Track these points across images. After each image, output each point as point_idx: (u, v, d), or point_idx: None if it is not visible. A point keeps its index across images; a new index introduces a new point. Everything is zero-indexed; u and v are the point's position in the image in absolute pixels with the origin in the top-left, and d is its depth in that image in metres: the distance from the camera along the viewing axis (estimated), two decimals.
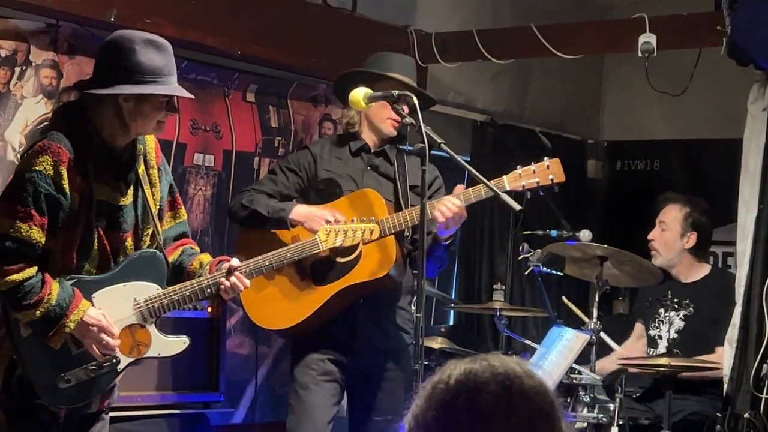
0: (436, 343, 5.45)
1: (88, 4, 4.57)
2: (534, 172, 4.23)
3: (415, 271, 4.04)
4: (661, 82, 5.69)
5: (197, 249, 3.71)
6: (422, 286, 3.67)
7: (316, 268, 4.26)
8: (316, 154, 4.42)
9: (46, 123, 3.48)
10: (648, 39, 5.37)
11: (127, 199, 3.46)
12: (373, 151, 4.42)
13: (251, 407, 5.41)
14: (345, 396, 4.46)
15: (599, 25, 6.31)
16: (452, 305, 6.09)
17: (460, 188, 4.24)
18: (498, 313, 4.99)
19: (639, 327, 5.67)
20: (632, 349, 5.56)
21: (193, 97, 3.61)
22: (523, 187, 4.22)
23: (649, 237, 5.42)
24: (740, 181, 5.18)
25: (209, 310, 4.77)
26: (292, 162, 4.46)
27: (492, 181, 4.11)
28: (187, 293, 3.52)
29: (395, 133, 4.38)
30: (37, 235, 3.27)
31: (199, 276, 3.57)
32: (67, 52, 4.64)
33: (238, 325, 5.27)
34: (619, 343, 5.64)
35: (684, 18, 5.49)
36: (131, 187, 3.48)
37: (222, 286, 3.54)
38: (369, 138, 4.43)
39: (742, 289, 5.07)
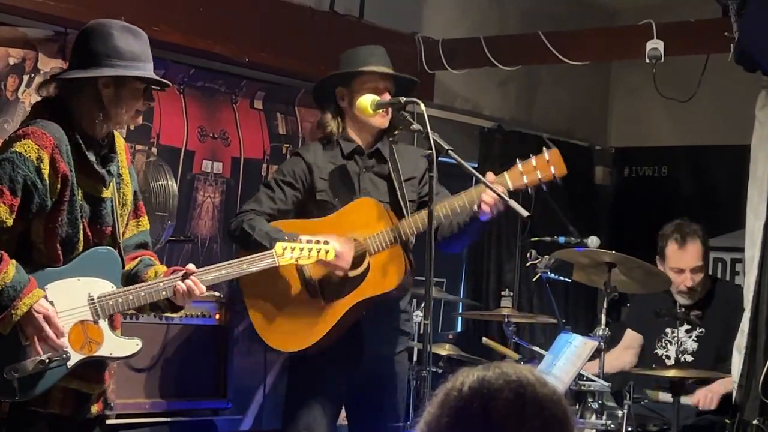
0: (444, 349, 5.44)
1: (97, 12, 4.57)
2: (535, 166, 4.16)
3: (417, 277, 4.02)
4: (669, 88, 5.68)
5: (156, 261, 3.61)
6: (430, 292, 3.66)
7: (325, 285, 4.18)
8: (311, 162, 4.29)
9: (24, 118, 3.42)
10: (655, 45, 5.37)
11: (109, 192, 3.40)
12: (366, 152, 4.32)
13: (259, 414, 5.40)
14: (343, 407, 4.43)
15: (606, 31, 6.30)
16: (461, 307, 6.06)
17: (491, 176, 4.12)
18: (506, 320, 4.99)
19: (631, 336, 5.59)
20: (619, 360, 5.48)
21: (170, 84, 3.53)
22: (526, 184, 4.16)
23: (690, 286, 5.24)
24: (748, 188, 5.17)
25: (217, 317, 4.76)
26: (287, 174, 4.31)
27: (496, 177, 4.10)
28: (142, 293, 3.40)
29: (387, 124, 4.29)
30: (3, 214, 3.18)
31: None
32: None
33: (245, 332, 5.25)
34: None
35: (691, 24, 5.49)
36: (112, 181, 3.41)
37: (178, 288, 3.43)
38: (360, 137, 4.32)
39: (750, 295, 5.05)
